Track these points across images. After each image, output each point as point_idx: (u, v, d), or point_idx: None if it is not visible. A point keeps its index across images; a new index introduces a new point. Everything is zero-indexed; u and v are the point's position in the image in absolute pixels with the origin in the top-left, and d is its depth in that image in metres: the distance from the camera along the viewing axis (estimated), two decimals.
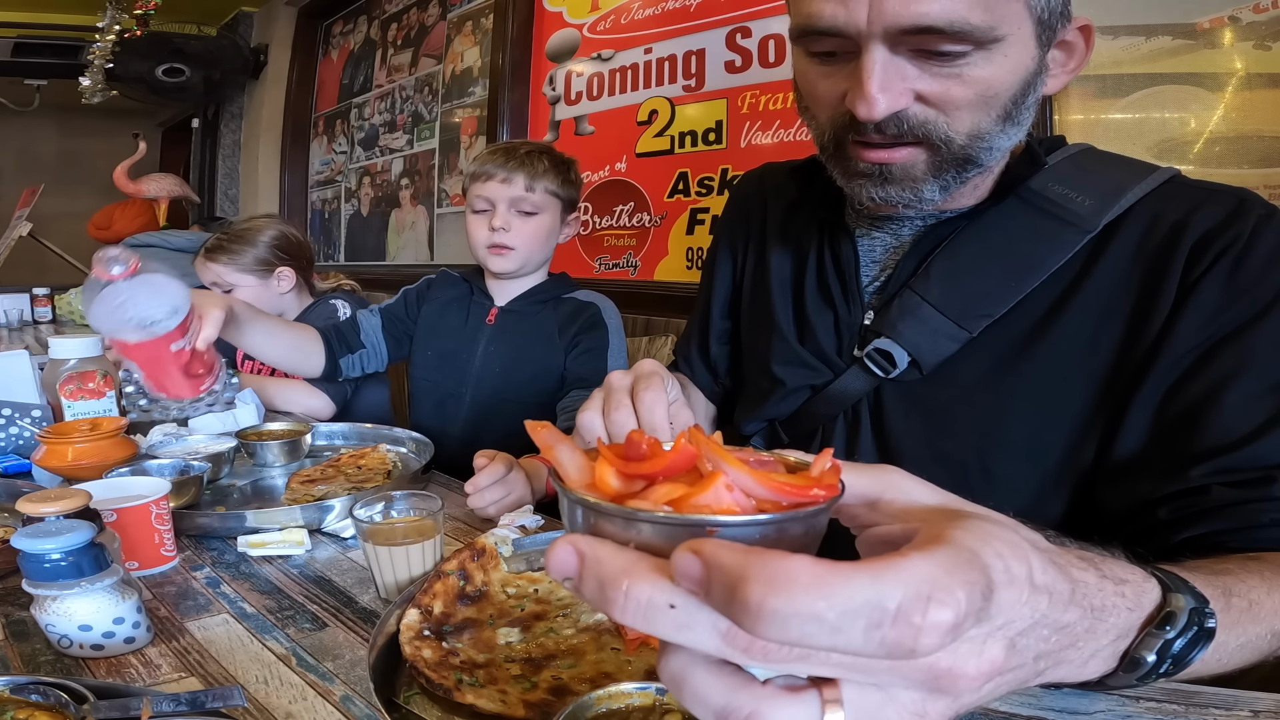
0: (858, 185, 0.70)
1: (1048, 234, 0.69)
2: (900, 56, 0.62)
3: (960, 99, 0.63)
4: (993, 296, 0.71)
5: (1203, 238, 0.64)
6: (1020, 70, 0.64)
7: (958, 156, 0.66)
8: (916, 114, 0.64)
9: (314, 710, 0.56)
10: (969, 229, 0.73)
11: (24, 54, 4.14)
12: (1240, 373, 0.61)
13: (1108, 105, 1.33)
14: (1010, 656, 0.29)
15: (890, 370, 0.75)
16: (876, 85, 0.62)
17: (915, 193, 0.68)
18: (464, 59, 2.86)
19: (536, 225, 1.40)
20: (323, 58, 3.92)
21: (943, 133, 0.65)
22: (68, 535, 0.61)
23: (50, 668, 0.62)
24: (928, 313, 0.73)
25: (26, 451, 1.10)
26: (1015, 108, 0.66)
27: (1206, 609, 0.43)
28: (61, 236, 4.02)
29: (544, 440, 0.33)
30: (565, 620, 0.64)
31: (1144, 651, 0.40)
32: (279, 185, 4.04)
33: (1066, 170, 0.72)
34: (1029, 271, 0.69)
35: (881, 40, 0.61)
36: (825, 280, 0.82)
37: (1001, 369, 0.71)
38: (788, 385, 0.84)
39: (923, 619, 0.24)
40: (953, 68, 0.62)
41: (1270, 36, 1.17)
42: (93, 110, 4.19)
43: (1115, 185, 0.69)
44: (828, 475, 0.32)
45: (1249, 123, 1.20)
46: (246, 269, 1.77)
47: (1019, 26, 0.62)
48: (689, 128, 2.03)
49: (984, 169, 0.69)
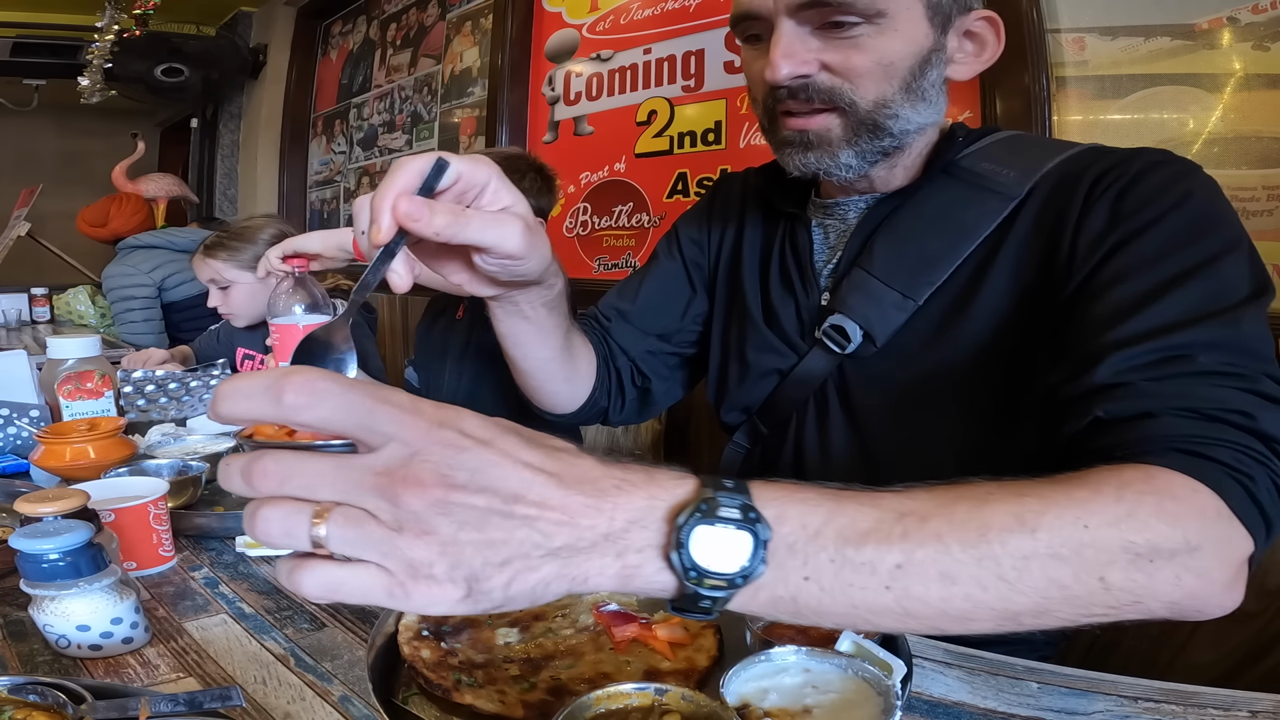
0: (786, 155, 0.78)
1: (976, 202, 0.75)
2: (806, 30, 0.72)
3: (859, 66, 0.71)
4: (932, 264, 0.76)
5: (1097, 179, 0.68)
6: (913, 45, 0.72)
7: (865, 122, 0.73)
8: (824, 81, 0.73)
9: (312, 710, 0.56)
10: (906, 205, 0.79)
11: (22, 54, 4.13)
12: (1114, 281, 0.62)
13: (1106, 106, 1.34)
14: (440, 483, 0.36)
15: (846, 345, 0.79)
16: (780, 52, 0.71)
17: (833, 158, 0.75)
18: (463, 59, 2.86)
19: None
20: (322, 58, 3.92)
21: (848, 97, 0.72)
22: (65, 535, 0.60)
23: (48, 668, 0.62)
24: (874, 286, 0.78)
25: (24, 451, 1.09)
26: (915, 80, 0.73)
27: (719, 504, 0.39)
28: (60, 236, 4.02)
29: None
30: (564, 621, 0.64)
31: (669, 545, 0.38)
32: (278, 185, 4.03)
33: (996, 151, 0.78)
34: (963, 238, 0.75)
35: (786, 15, 0.71)
36: (786, 267, 0.88)
37: (939, 336, 0.75)
38: (758, 369, 0.89)
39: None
40: (849, 38, 0.71)
41: (1269, 37, 1.17)
42: (91, 110, 4.20)
43: (1038, 157, 0.75)
44: None
45: (1248, 123, 1.20)
46: (245, 266, 1.77)
47: (907, 7, 0.71)
48: (688, 128, 2.03)
49: (898, 140, 0.75)
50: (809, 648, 0.49)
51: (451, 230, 0.53)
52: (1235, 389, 0.54)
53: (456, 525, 0.36)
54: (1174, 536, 0.45)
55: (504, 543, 0.36)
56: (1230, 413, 0.52)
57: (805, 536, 0.40)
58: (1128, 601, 0.44)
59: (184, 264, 2.75)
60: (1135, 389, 0.55)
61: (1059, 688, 0.56)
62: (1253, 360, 0.55)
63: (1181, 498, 0.47)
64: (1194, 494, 0.48)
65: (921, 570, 0.41)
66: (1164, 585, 0.45)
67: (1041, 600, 0.43)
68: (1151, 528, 0.45)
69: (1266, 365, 0.55)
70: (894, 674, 0.48)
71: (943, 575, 0.41)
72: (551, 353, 0.83)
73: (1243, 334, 0.56)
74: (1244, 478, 0.49)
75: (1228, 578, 0.48)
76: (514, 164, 1.45)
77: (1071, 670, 0.58)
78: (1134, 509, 0.45)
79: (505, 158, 1.46)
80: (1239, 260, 0.60)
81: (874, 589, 0.41)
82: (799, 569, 0.40)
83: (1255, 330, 0.57)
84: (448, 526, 0.35)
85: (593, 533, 0.38)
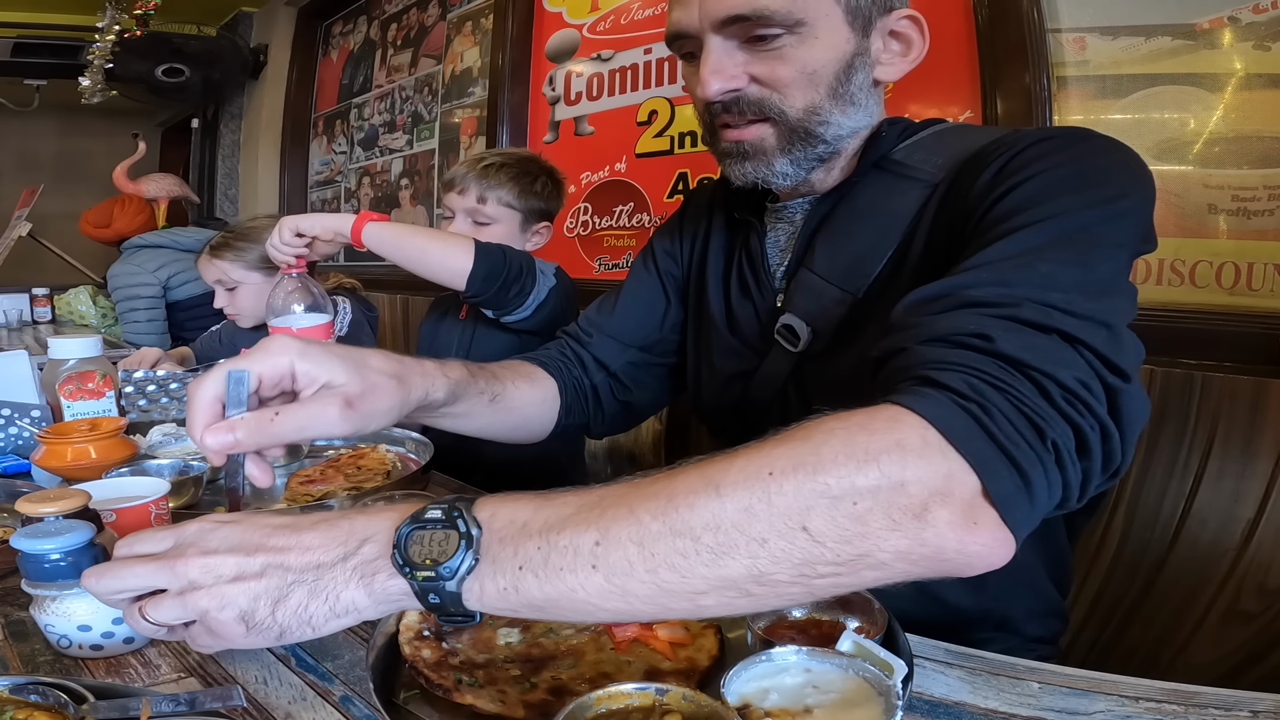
0: (727, 165, 0.80)
1: (900, 191, 0.76)
2: (733, 45, 0.73)
3: (785, 77, 0.73)
4: (866, 256, 0.77)
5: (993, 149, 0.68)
6: (835, 50, 0.73)
7: (797, 130, 0.75)
8: (753, 93, 0.74)
9: (313, 710, 0.56)
10: (842, 202, 0.81)
11: (23, 54, 4.13)
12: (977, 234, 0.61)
13: (1107, 106, 1.33)
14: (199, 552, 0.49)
15: (797, 343, 0.81)
16: (709, 69, 0.73)
17: (769, 168, 0.77)
18: (463, 59, 2.86)
19: (490, 235, 1.44)
20: (322, 58, 3.92)
21: (778, 107, 0.74)
22: (67, 535, 0.61)
23: (49, 668, 0.62)
24: (816, 283, 0.80)
25: (26, 452, 1.09)
26: (842, 86, 0.74)
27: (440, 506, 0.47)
28: (61, 237, 4.02)
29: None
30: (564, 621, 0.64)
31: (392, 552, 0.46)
32: (278, 185, 4.03)
33: (930, 142, 0.79)
34: (891, 229, 0.76)
35: (712, 32, 0.73)
36: (743, 272, 0.90)
37: (874, 320, 0.75)
38: (725, 372, 0.90)
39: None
40: (772, 49, 0.72)
41: (1270, 37, 1.17)
42: (92, 110, 4.20)
43: (966, 145, 0.75)
44: None
45: (1249, 123, 1.20)
46: (252, 266, 1.77)
47: (826, 13, 0.71)
48: (689, 128, 2.03)
49: (831, 146, 0.77)
50: (810, 648, 0.49)
51: (265, 440, 0.60)
52: (987, 315, 0.49)
53: (218, 579, 0.48)
54: (868, 472, 0.41)
55: (257, 578, 0.47)
56: (969, 336, 0.48)
57: (513, 530, 0.45)
58: (850, 555, 0.41)
59: (189, 263, 2.75)
60: (904, 326, 0.53)
61: (1060, 687, 0.56)
62: (1027, 290, 0.50)
63: (877, 430, 0.43)
64: (894, 425, 0.43)
65: (619, 544, 0.42)
66: (879, 529, 0.41)
67: (751, 562, 0.41)
68: (840, 465, 0.41)
69: (1043, 293, 0.50)
70: (895, 674, 0.48)
71: (640, 546, 0.42)
72: (482, 424, 0.85)
73: (1029, 269, 0.52)
74: (971, 404, 0.43)
75: (954, 517, 0.42)
76: (527, 166, 1.48)
77: (1073, 670, 0.58)
78: (819, 448, 0.42)
79: (519, 159, 1.49)
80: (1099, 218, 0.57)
81: (582, 569, 0.42)
82: (512, 558, 0.44)
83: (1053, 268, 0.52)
84: (211, 579, 0.48)
85: (330, 555, 0.47)
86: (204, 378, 0.60)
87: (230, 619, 0.47)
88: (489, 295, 1.27)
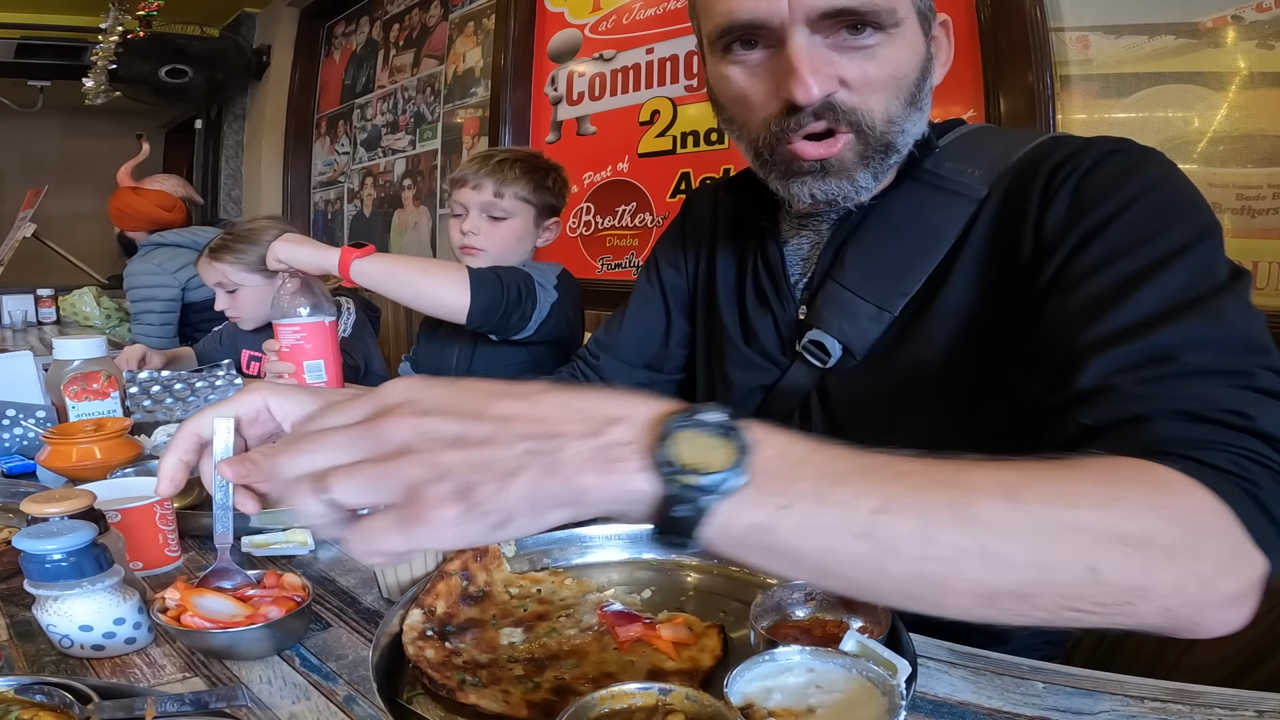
0: (799, 185, 0.72)
1: (942, 205, 0.73)
2: (818, 40, 0.66)
3: (876, 80, 0.67)
4: (904, 274, 0.74)
5: (1055, 169, 0.66)
6: (916, 53, 0.69)
7: (880, 142, 0.70)
8: (844, 100, 0.68)
9: (317, 710, 0.56)
10: (874, 214, 0.77)
11: (27, 55, 4.14)
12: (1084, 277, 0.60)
13: (1110, 105, 1.33)
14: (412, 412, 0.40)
15: (826, 360, 0.78)
16: (808, 68, 0.65)
17: (852, 183, 0.71)
18: (466, 59, 2.87)
19: (507, 229, 1.45)
20: (325, 58, 3.93)
21: (868, 119, 0.68)
22: (68, 536, 0.61)
23: (55, 668, 0.62)
24: (849, 299, 0.76)
25: (31, 452, 1.10)
26: (918, 91, 0.70)
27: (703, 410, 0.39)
28: (65, 238, 4.04)
29: None
30: (568, 620, 0.64)
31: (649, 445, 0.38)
32: (282, 186, 4.04)
33: (957, 149, 0.76)
34: (932, 245, 0.73)
35: (804, 24, 0.64)
36: (760, 283, 0.86)
37: (909, 342, 0.74)
38: (742, 387, 0.87)
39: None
40: (866, 50, 0.66)
41: (1273, 35, 1.17)
42: (96, 111, 4.20)
43: (1001, 154, 0.73)
44: None
45: (1252, 122, 1.20)
46: (252, 268, 1.77)
47: (908, 13, 0.67)
48: (691, 128, 2.03)
49: (901, 155, 0.73)
50: (813, 647, 0.49)
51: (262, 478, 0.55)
52: (1229, 386, 0.50)
53: (435, 443, 0.38)
54: (1170, 533, 0.41)
55: (484, 445, 0.38)
56: (1225, 413, 0.48)
57: (786, 464, 0.39)
58: (1118, 600, 0.41)
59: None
60: (1121, 393, 0.52)
61: (1064, 687, 0.56)
62: (1244, 353, 0.51)
63: (1179, 493, 0.43)
64: (1192, 491, 0.44)
65: (899, 520, 0.39)
66: (1162, 587, 0.41)
67: (1023, 579, 0.40)
68: (1144, 518, 0.41)
69: (1261, 356, 0.51)
70: (899, 674, 0.48)
71: (921, 530, 0.39)
72: None
73: (1228, 324, 0.53)
74: (1248, 483, 0.45)
75: (1233, 591, 0.43)
76: (537, 163, 1.49)
77: (1077, 670, 0.58)
78: (1125, 495, 0.42)
79: (528, 156, 1.50)
80: (1212, 246, 0.57)
81: (850, 533, 0.39)
82: (777, 496, 0.38)
83: (1241, 317, 0.53)
84: (428, 444, 0.38)
85: (571, 429, 0.39)
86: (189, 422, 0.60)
87: (444, 495, 0.37)
88: (490, 326, 1.26)
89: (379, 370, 1.76)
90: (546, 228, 1.52)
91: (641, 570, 0.74)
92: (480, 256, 1.44)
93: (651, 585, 0.71)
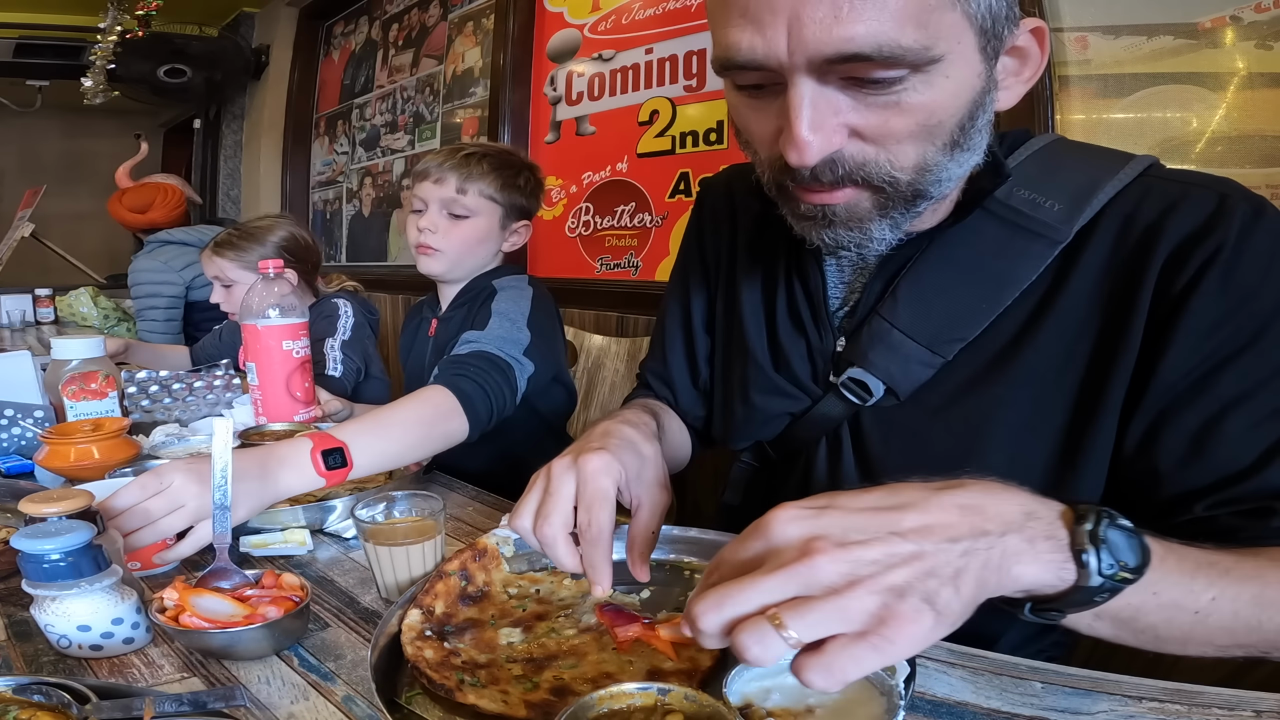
0: (805, 227, 0.65)
1: (1017, 248, 0.65)
2: (830, 87, 0.55)
3: (900, 130, 0.56)
4: (963, 319, 0.67)
5: (1182, 244, 0.59)
6: (966, 91, 0.57)
7: (905, 195, 0.60)
8: (854, 154, 0.58)
9: (315, 710, 0.56)
10: (933, 248, 0.69)
11: (26, 55, 4.14)
12: (1242, 399, 0.58)
13: (1109, 105, 1.33)
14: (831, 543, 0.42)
15: (867, 399, 0.73)
16: (806, 126, 0.55)
17: (864, 233, 0.63)
18: (465, 59, 2.87)
19: (468, 229, 1.35)
20: (324, 58, 3.92)
21: (886, 173, 0.58)
22: (66, 536, 0.61)
23: (53, 668, 0.62)
24: (898, 339, 0.70)
25: (29, 452, 1.10)
26: (963, 134, 0.59)
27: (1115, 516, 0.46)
28: (64, 237, 4.04)
29: None
30: (567, 620, 0.64)
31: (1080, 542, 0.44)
32: (281, 186, 4.04)
33: (1032, 171, 0.67)
34: (1000, 290, 0.66)
35: (807, 72, 0.54)
36: (795, 306, 0.79)
37: (977, 390, 0.68)
38: (766, 413, 0.82)
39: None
40: (889, 95, 0.55)
41: (1272, 36, 1.17)
42: (95, 111, 4.20)
43: (1087, 184, 0.64)
44: None
45: (1251, 122, 1.20)
46: (250, 267, 1.78)
47: (959, 40, 0.54)
48: (690, 128, 2.03)
49: (937, 199, 0.63)
50: None
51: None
52: None
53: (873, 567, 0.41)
54: None
55: (919, 559, 0.41)
56: None
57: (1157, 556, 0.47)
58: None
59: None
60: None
61: (1063, 687, 0.56)
62: None
63: None
64: None
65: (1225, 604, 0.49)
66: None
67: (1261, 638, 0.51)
68: None
69: None
70: (897, 674, 0.48)
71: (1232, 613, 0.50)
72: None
73: None
74: None
75: None
76: (508, 159, 1.39)
77: (1075, 670, 0.58)
78: None
79: (499, 151, 1.41)
80: None
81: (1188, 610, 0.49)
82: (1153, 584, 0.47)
83: None
84: (866, 569, 0.41)
85: (991, 526, 0.44)
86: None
87: (916, 608, 0.40)
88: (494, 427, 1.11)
89: (378, 374, 1.76)
90: (515, 230, 1.41)
91: None
92: (437, 258, 1.34)
93: (650, 585, 0.71)
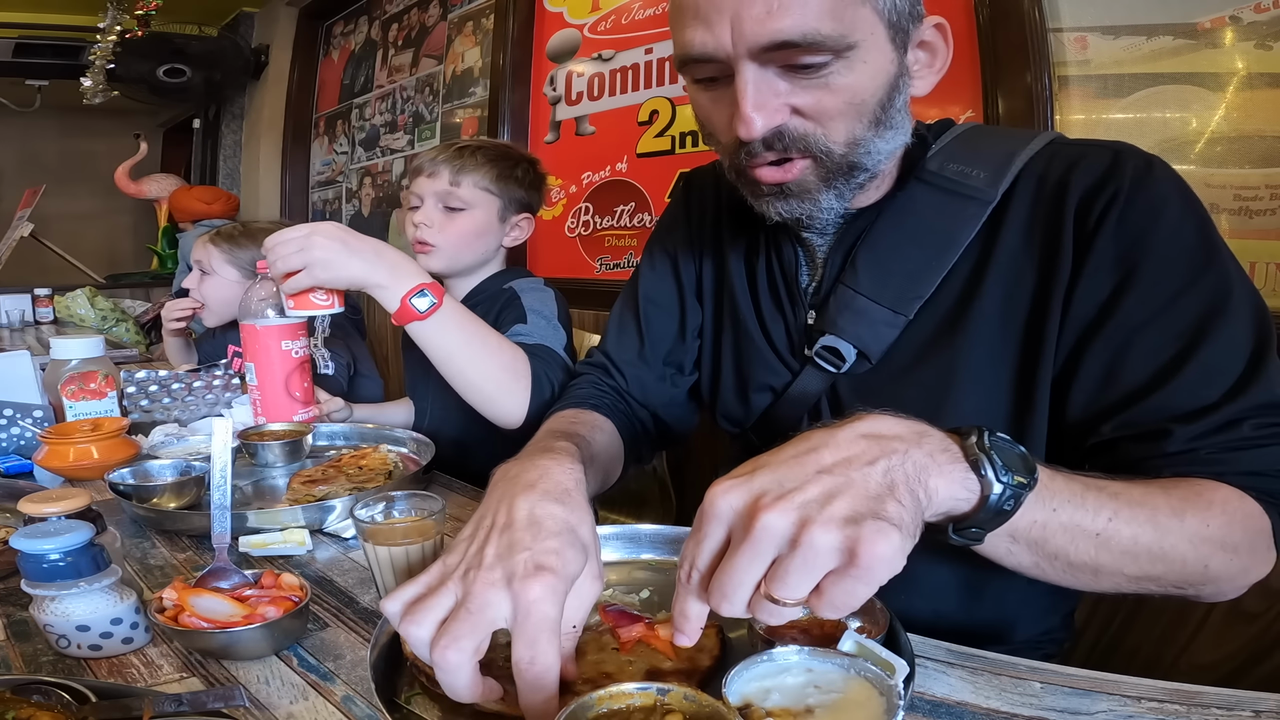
0: (765, 204, 0.74)
1: (954, 211, 0.74)
2: (771, 73, 0.65)
3: (831, 108, 0.67)
4: (918, 277, 0.74)
5: (1086, 193, 0.68)
6: (882, 75, 0.67)
7: (841, 165, 0.70)
8: (796, 128, 0.68)
9: (315, 710, 0.56)
10: (883, 217, 0.77)
11: (25, 54, 4.14)
12: (1143, 325, 0.65)
13: (1108, 105, 1.33)
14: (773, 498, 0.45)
15: (841, 365, 0.79)
16: (751, 104, 0.65)
17: (814, 204, 0.72)
18: (465, 59, 2.87)
19: (465, 222, 1.33)
20: (323, 58, 3.92)
21: (823, 144, 0.68)
22: (66, 535, 0.61)
23: (52, 668, 0.62)
24: (863, 304, 0.77)
25: (28, 452, 1.10)
26: (884, 112, 0.69)
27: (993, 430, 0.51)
28: (63, 237, 4.04)
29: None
30: None
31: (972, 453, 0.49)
32: (280, 186, 4.04)
33: (957, 149, 0.77)
34: (945, 249, 0.74)
35: (749, 59, 0.65)
36: (774, 283, 0.85)
37: (939, 346, 0.74)
38: (755, 384, 0.87)
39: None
40: (819, 78, 0.65)
41: (1271, 36, 1.17)
42: (94, 111, 4.20)
43: (1004, 155, 0.73)
44: None
45: (1250, 122, 1.20)
46: (237, 265, 1.78)
47: (871, 31, 0.65)
48: (690, 128, 2.03)
49: (872, 172, 0.72)
50: (811, 648, 0.49)
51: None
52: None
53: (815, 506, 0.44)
54: (1246, 542, 0.59)
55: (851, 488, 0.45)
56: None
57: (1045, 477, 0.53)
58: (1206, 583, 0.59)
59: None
60: (1200, 456, 0.62)
61: (1062, 688, 0.56)
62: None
63: (1254, 516, 0.60)
64: (1261, 518, 0.60)
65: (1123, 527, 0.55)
66: (1233, 575, 0.59)
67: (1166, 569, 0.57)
68: (1238, 533, 0.58)
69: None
70: (896, 674, 0.48)
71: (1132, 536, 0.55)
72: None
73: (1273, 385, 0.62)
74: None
75: (1250, 583, 0.62)
76: (505, 152, 1.39)
77: (1075, 670, 0.58)
78: (1232, 517, 0.58)
79: (495, 145, 1.41)
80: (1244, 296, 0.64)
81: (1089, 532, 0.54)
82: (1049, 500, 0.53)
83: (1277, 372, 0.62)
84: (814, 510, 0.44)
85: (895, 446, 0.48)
86: None
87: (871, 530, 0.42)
88: None
89: (368, 372, 1.75)
90: (515, 224, 1.39)
91: (640, 571, 0.74)
92: (434, 254, 1.33)
93: (650, 586, 0.71)
